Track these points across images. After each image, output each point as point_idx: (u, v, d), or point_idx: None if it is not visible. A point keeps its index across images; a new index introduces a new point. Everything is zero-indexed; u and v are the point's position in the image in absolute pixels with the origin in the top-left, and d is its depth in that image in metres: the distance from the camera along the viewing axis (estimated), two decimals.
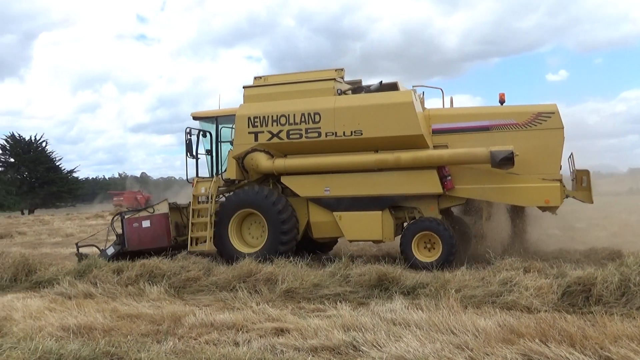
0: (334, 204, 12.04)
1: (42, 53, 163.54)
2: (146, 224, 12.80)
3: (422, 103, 12.14)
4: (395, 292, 8.17)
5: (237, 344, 6.17)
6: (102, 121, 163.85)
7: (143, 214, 12.94)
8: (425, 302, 7.41)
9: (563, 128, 10.88)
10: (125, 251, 12.51)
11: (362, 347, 5.75)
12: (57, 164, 70.12)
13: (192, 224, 12.68)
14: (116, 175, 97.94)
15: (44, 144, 69.75)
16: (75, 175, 74.06)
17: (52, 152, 70.78)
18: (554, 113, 10.85)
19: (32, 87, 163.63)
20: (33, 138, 68.85)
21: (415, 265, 10.68)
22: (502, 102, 11.59)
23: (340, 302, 7.91)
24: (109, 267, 10.26)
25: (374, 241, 12.50)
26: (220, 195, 13.21)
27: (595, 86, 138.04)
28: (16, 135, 68.37)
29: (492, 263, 9.31)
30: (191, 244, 12.61)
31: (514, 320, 6.40)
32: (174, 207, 13.28)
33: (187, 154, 12.99)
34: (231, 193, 13.06)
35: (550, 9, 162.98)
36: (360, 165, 11.67)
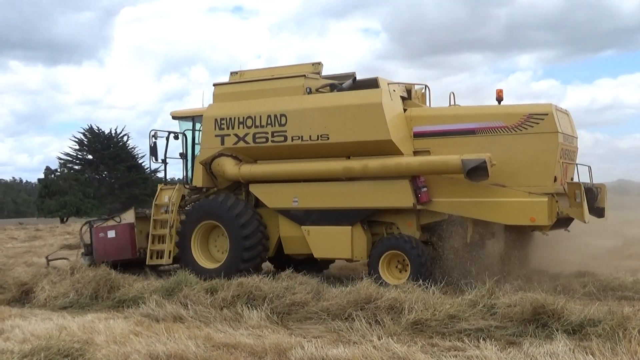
0: (302, 217, 13.02)
1: (124, 32, 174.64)
2: (111, 234, 14.57)
3: (422, 100, 13.33)
4: (557, 330, 7.87)
5: None
6: None
7: (110, 223, 14.83)
8: (598, 344, 7.10)
9: (558, 132, 11.34)
10: (97, 262, 13.83)
11: None
12: (139, 161, 73.44)
13: (153, 235, 14.33)
14: None
15: (125, 139, 73.36)
16: (159, 175, 77.36)
17: (134, 148, 73.87)
18: (547, 114, 11.36)
19: (113, 72, 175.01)
20: (113, 131, 72.76)
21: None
22: (499, 100, 12.19)
23: (483, 339, 7.77)
24: (201, 286, 10.72)
25: (345, 260, 13.39)
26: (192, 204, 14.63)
27: None
28: (95, 128, 72.56)
29: None
30: (151, 257, 14.31)
31: None
32: (143, 217, 14.72)
33: (150, 159, 14.63)
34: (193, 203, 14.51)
35: None
36: (328, 174, 12.63)
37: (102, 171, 71.76)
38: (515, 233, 12.11)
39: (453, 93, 13.20)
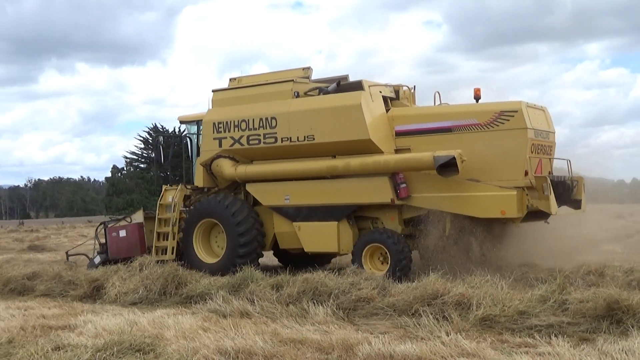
0: (293, 214, 13.96)
1: (186, 31, 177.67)
2: (123, 233, 16.18)
3: (410, 100, 14.09)
4: (632, 327, 7.71)
5: None
6: None
7: (122, 223, 16.36)
8: None
9: (527, 128, 11.97)
10: (110, 259, 15.22)
11: None
12: None
13: (157, 233, 15.61)
14: None
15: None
16: None
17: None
18: (517, 111, 12.00)
19: (175, 71, 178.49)
20: (177, 130, 74.18)
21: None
22: (477, 98, 12.79)
23: (555, 335, 7.67)
24: (267, 282, 10.87)
25: (334, 254, 14.42)
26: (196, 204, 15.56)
27: None
28: (159, 126, 74.15)
29: None
30: (156, 254, 15.27)
31: None
32: (151, 217, 15.96)
33: (155, 162, 15.56)
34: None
35: None
36: (314, 173, 13.56)
37: (167, 169, 73.11)
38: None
39: (438, 92, 13.82)
